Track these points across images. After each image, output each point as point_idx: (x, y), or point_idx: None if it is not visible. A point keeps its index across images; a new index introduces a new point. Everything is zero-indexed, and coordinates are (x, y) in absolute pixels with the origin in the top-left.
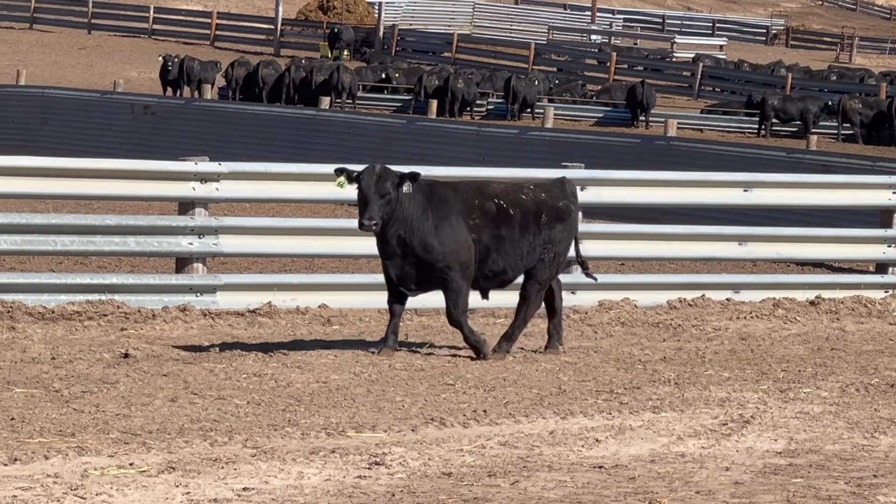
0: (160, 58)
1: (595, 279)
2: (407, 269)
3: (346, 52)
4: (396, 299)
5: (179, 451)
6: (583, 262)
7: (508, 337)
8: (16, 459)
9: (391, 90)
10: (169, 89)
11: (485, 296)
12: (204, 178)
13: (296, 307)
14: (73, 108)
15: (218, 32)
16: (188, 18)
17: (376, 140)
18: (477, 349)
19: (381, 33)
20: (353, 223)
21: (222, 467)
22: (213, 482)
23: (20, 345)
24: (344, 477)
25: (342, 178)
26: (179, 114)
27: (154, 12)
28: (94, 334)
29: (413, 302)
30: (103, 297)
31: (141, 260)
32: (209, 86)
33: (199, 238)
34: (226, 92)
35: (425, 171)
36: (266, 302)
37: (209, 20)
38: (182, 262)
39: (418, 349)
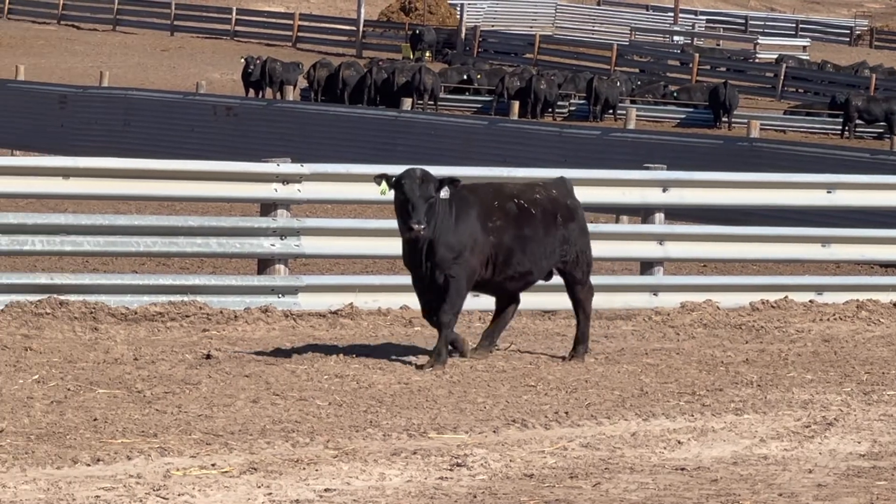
0: (242, 59)
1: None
2: (430, 273)
3: (427, 54)
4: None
5: (261, 451)
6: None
7: (581, 339)
8: (99, 460)
9: (473, 91)
10: (251, 91)
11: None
12: (286, 179)
13: (377, 308)
14: (155, 109)
15: (300, 34)
16: (270, 20)
17: (458, 141)
18: (437, 356)
19: (462, 34)
20: None
21: (304, 468)
22: (295, 483)
23: (103, 345)
24: (425, 478)
25: (384, 186)
26: (261, 115)
27: (236, 14)
28: (177, 335)
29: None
30: (185, 299)
31: (223, 261)
32: (291, 87)
33: (281, 239)
34: (308, 93)
35: (507, 172)
36: (348, 303)
37: (291, 22)
38: (264, 264)
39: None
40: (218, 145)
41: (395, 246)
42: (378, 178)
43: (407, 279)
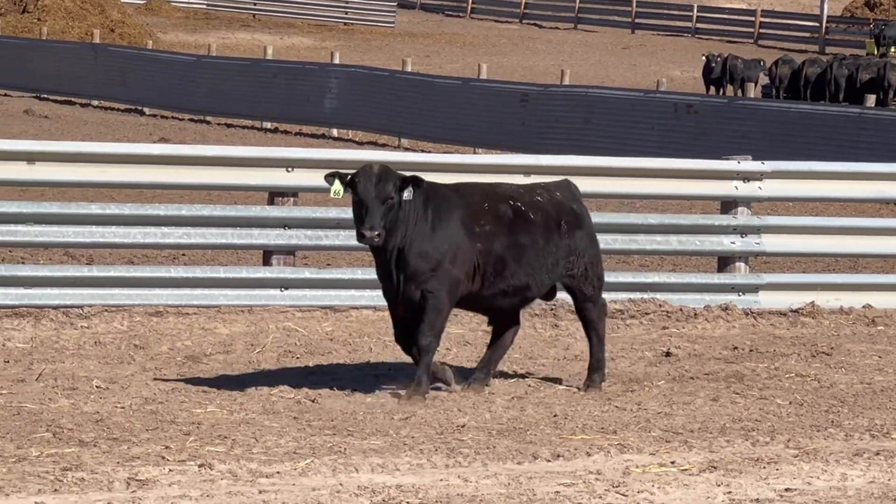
0: (703, 57)
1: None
2: (402, 288)
3: (893, 49)
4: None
5: (721, 450)
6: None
7: (596, 367)
8: (559, 456)
9: None
10: (712, 88)
11: (493, 321)
12: (747, 177)
13: (839, 307)
14: (616, 107)
15: (761, 31)
16: (732, 17)
17: None
18: (417, 385)
19: None
20: None
21: (764, 467)
22: (755, 482)
23: (563, 342)
24: (889, 479)
25: (337, 186)
26: (722, 112)
27: (697, 11)
28: (636, 332)
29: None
30: (645, 296)
31: (681, 258)
32: (752, 84)
33: (742, 237)
34: (769, 90)
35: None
36: (809, 302)
37: (752, 18)
38: (724, 262)
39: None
40: (678, 143)
41: (857, 244)
42: (329, 178)
43: (869, 278)
